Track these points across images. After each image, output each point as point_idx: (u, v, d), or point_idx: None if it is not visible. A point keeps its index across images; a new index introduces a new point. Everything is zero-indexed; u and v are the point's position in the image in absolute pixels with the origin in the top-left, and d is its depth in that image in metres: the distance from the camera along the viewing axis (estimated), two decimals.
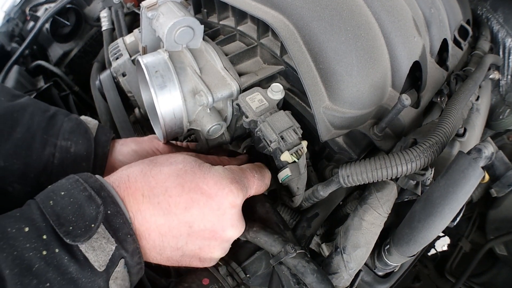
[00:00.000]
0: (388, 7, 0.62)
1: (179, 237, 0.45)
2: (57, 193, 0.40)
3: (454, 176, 0.47)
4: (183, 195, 0.44)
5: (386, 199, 0.56)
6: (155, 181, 0.44)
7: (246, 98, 0.56)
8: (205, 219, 0.45)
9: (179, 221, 0.44)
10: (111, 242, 0.39)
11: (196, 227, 0.45)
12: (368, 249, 0.55)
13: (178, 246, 0.45)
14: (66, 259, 0.36)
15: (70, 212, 0.38)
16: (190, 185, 0.45)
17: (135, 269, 0.42)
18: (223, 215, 0.46)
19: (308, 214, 0.61)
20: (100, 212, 0.39)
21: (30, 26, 1.40)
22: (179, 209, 0.44)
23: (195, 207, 0.44)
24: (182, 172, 0.45)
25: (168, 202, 0.44)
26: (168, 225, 0.44)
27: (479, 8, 1.08)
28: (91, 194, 0.40)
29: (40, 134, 0.56)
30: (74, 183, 0.41)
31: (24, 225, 0.36)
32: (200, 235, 0.46)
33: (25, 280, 0.33)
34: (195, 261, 0.49)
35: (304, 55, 0.55)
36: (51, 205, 0.38)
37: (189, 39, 0.59)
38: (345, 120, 0.57)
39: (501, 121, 1.05)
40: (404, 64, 0.62)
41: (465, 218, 1.21)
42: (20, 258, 0.34)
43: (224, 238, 0.48)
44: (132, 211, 0.43)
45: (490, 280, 1.16)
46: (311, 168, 0.65)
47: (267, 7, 0.59)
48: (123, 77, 0.92)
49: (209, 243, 0.47)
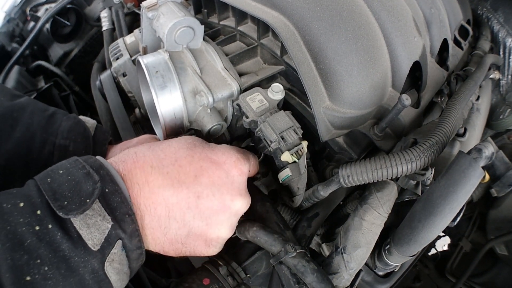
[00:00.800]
0: (388, 7, 0.62)
1: (187, 210, 0.44)
2: (56, 171, 0.39)
3: (455, 176, 0.47)
4: (193, 163, 0.45)
5: (387, 199, 0.56)
6: (164, 154, 0.45)
7: (247, 98, 0.56)
8: (214, 188, 0.45)
9: (188, 191, 0.43)
10: (106, 220, 0.38)
11: (204, 197, 0.44)
12: (369, 249, 0.55)
13: (185, 221, 0.44)
14: (59, 236, 0.35)
15: (67, 188, 0.37)
16: (200, 155, 0.46)
17: (135, 253, 0.41)
18: (232, 183, 0.46)
19: (309, 214, 0.61)
20: (96, 188, 0.38)
21: (31, 26, 1.40)
22: (188, 178, 0.44)
23: (204, 175, 0.45)
24: (192, 145, 0.47)
25: (178, 171, 0.44)
26: (176, 196, 0.43)
27: (479, 8, 1.08)
28: (89, 171, 0.39)
29: (40, 133, 0.57)
30: (73, 163, 0.40)
31: (19, 201, 0.35)
32: (209, 207, 0.45)
33: (16, 255, 0.32)
34: (200, 243, 0.47)
35: (304, 55, 0.55)
36: (48, 182, 0.38)
37: (189, 39, 0.59)
38: (346, 120, 0.57)
39: (502, 121, 1.05)
40: (404, 64, 0.62)
41: (465, 218, 1.21)
42: (12, 233, 0.33)
43: (232, 209, 0.47)
44: (139, 183, 0.42)
45: (490, 280, 1.16)
46: (311, 168, 0.65)
47: (267, 8, 0.60)
48: (124, 77, 0.92)
49: (217, 217, 0.46)
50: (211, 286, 0.52)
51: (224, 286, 0.52)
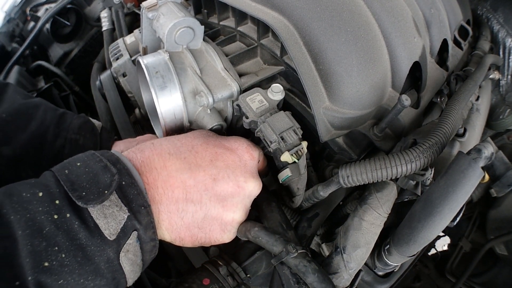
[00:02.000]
0: (388, 7, 0.62)
1: (204, 192, 0.46)
2: (73, 163, 0.41)
3: (454, 176, 0.47)
4: (208, 149, 0.48)
5: (386, 199, 0.56)
6: (180, 142, 0.48)
7: (247, 99, 0.56)
8: (229, 170, 0.48)
9: (204, 173, 0.46)
10: (123, 211, 0.39)
11: (220, 179, 0.47)
12: (368, 249, 0.55)
13: (202, 203, 0.46)
14: (77, 224, 0.36)
15: (85, 180, 0.39)
16: (214, 142, 0.50)
17: (149, 245, 0.42)
18: (244, 166, 0.50)
19: (309, 214, 0.61)
20: (114, 180, 0.39)
21: (31, 26, 1.40)
22: (205, 162, 0.47)
23: (219, 159, 0.48)
24: (206, 135, 0.51)
25: (195, 156, 0.47)
26: (194, 177, 0.45)
27: (479, 8, 1.08)
28: (107, 164, 0.41)
29: (53, 128, 0.62)
30: (90, 156, 0.42)
31: (38, 190, 0.36)
32: (224, 189, 0.47)
33: (35, 241, 0.34)
34: (216, 227, 0.49)
35: (304, 55, 0.55)
36: (66, 173, 0.39)
37: (189, 40, 0.59)
38: (345, 120, 0.57)
39: (501, 121, 1.05)
40: (404, 64, 0.62)
41: (465, 218, 1.21)
42: (32, 220, 0.34)
43: (246, 191, 0.50)
44: (157, 168, 0.44)
45: (490, 280, 1.16)
46: (311, 169, 0.65)
47: (267, 8, 0.60)
48: (124, 77, 0.92)
49: (232, 199, 0.48)
50: (211, 286, 0.52)
51: (224, 286, 0.52)
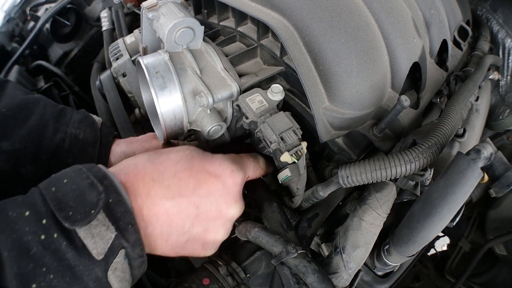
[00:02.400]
0: (387, 8, 0.62)
1: (187, 219, 0.46)
2: (60, 180, 0.40)
3: (453, 176, 0.47)
4: (192, 176, 0.47)
5: (385, 200, 0.56)
6: (163, 167, 0.46)
7: (246, 99, 0.56)
8: (212, 198, 0.47)
9: (187, 202, 0.46)
10: (110, 230, 0.39)
11: (203, 207, 0.47)
12: (368, 249, 0.55)
13: (185, 229, 0.47)
14: (64, 245, 0.35)
15: (71, 198, 0.38)
16: (198, 167, 0.48)
17: (137, 262, 0.42)
18: (228, 193, 0.49)
19: (308, 215, 0.61)
20: (101, 199, 0.39)
21: (31, 26, 1.40)
22: (188, 190, 0.46)
23: (203, 187, 0.47)
24: (189, 157, 0.49)
25: (178, 184, 0.46)
26: (177, 207, 0.45)
27: (479, 8, 1.08)
28: (93, 181, 0.40)
29: (52, 122, 0.61)
30: (77, 171, 0.41)
31: (25, 210, 0.36)
32: (207, 215, 0.48)
33: (22, 263, 0.33)
34: (198, 247, 0.50)
35: (304, 56, 0.55)
36: (53, 191, 0.38)
37: (189, 40, 0.59)
38: (345, 121, 0.58)
39: (501, 122, 1.05)
40: (404, 65, 0.62)
41: (464, 218, 1.21)
42: (18, 241, 0.34)
43: (228, 216, 0.50)
44: (142, 195, 0.43)
45: (489, 280, 1.17)
46: (311, 169, 0.65)
47: (267, 8, 0.60)
48: (123, 77, 0.92)
49: (214, 223, 0.49)
50: (211, 286, 0.52)
51: (224, 286, 0.52)
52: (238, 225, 0.57)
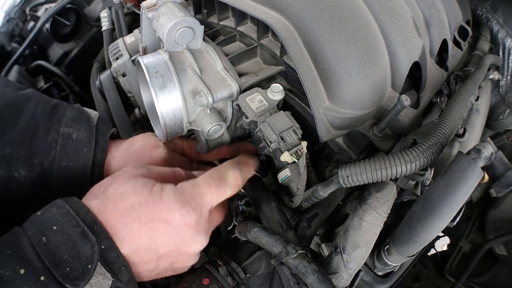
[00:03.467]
0: (388, 7, 0.62)
1: (150, 262, 0.47)
2: (49, 227, 0.39)
3: (454, 176, 0.47)
4: (143, 226, 0.45)
5: (386, 199, 0.56)
6: (114, 219, 0.44)
7: (246, 99, 0.56)
8: (168, 243, 0.47)
9: (146, 250, 0.46)
10: (107, 278, 0.39)
11: (161, 251, 0.47)
12: (368, 249, 0.55)
13: (151, 269, 0.48)
14: None
15: (65, 251, 0.38)
16: (146, 216, 0.45)
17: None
18: (183, 236, 0.47)
19: (308, 214, 0.61)
20: (95, 252, 0.39)
21: (30, 26, 1.40)
22: (143, 240, 0.45)
23: (156, 235, 0.46)
24: (137, 205, 0.45)
25: (132, 236, 0.44)
26: (138, 255, 0.45)
27: (479, 8, 1.08)
28: (84, 230, 0.40)
29: (44, 121, 0.58)
30: (65, 216, 0.41)
31: (19, 267, 0.35)
32: (168, 256, 0.48)
33: None
34: (170, 273, 0.51)
35: (304, 55, 0.55)
36: (44, 242, 0.38)
37: (189, 40, 0.59)
38: (345, 120, 0.57)
39: (501, 121, 1.05)
40: (404, 64, 0.62)
41: (464, 218, 1.21)
42: None
43: (189, 252, 0.50)
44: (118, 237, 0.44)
45: (489, 280, 1.16)
46: (310, 169, 0.65)
47: (267, 8, 0.60)
48: (123, 77, 0.92)
49: (177, 259, 0.49)
50: (210, 286, 0.52)
51: (223, 286, 0.52)
52: (238, 225, 0.56)
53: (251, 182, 0.60)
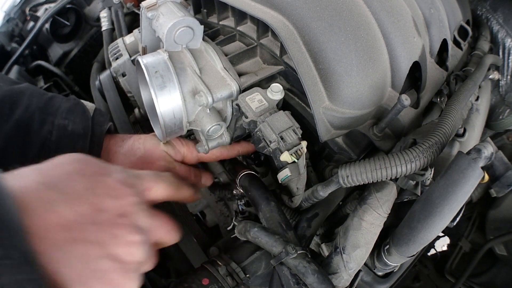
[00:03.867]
0: (388, 7, 0.62)
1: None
2: None
3: (454, 176, 0.47)
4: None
5: (386, 199, 0.56)
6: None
7: (246, 99, 0.56)
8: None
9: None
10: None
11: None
12: (368, 249, 0.55)
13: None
14: None
15: None
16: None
17: None
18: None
19: (308, 214, 0.61)
20: None
21: (30, 26, 1.40)
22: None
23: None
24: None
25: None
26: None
27: (479, 8, 1.08)
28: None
29: (39, 113, 0.57)
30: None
31: None
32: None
33: None
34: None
35: (303, 55, 0.55)
36: None
37: (189, 40, 0.59)
38: (345, 120, 0.57)
39: (501, 121, 1.05)
40: (404, 64, 0.62)
41: (465, 218, 1.21)
42: None
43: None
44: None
45: (489, 280, 1.16)
46: (310, 168, 0.65)
47: (266, 8, 0.60)
48: (123, 77, 0.92)
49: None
50: (210, 286, 0.52)
51: (223, 286, 0.52)
52: (238, 225, 0.56)
53: (251, 182, 0.60)
